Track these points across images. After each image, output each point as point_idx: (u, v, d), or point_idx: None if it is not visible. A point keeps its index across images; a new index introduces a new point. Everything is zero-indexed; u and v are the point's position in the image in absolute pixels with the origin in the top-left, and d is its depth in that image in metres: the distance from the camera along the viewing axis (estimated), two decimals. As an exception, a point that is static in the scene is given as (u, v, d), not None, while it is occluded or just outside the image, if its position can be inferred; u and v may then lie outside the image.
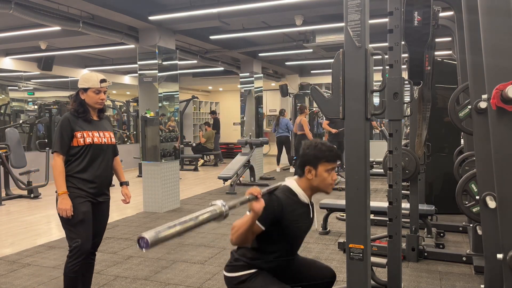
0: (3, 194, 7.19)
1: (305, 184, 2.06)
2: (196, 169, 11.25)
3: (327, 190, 2.08)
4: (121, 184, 2.97)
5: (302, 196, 2.06)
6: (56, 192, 2.63)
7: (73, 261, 2.61)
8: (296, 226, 2.03)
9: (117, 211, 6.01)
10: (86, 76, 2.71)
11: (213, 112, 14.01)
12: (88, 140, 2.66)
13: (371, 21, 2.02)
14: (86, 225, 2.64)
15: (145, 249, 1.27)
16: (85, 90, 2.69)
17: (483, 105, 2.34)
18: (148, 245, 1.26)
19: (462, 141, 4.90)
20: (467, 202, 3.22)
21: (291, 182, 2.09)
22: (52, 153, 2.66)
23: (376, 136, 10.91)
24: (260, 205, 1.83)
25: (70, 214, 2.57)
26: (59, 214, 2.61)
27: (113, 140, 2.84)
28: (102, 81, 2.71)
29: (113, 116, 12.41)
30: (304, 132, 9.17)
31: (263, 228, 1.93)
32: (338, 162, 1.88)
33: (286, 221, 1.97)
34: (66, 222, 2.62)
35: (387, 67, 2.60)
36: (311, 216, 2.13)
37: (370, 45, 1.91)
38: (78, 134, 2.64)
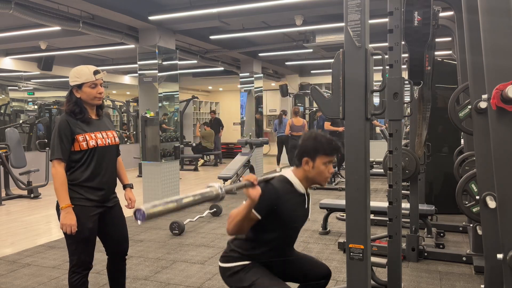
0: (3, 194, 7.19)
1: (302, 174, 2.06)
2: (196, 169, 11.26)
3: (323, 183, 2.08)
4: (125, 187, 2.69)
5: (298, 186, 2.06)
6: (57, 203, 2.37)
7: (77, 275, 2.39)
8: (292, 215, 2.03)
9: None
10: (77, 71, 2.39)
11: (212, 112, 13.96)
12: (92, 143, 2.37)
13: (371, 21, 2.02)
14: (91, 242, 2.42)
15: (141, 221, 1.28)
16: (79, 86, 2.37)
17: (483, 105, 2.34)
18: (144, 217, 1.28)
19: (462, 141, 4.90)
20: (467, 202, 3.22)
21: (288, 172, 2.09)
22: (51, 160, 2.33)
23: (379, 136, 10.89)
24: (256, 192, 1.83)
25: (75, 230, 2.29)
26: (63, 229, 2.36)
27: (117, 139, 2.56)
28: (96, 72, 2.40)
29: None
30: (301, 133, 9.19)
31: (259, 216, 1.92)
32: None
33: (282, 209, 1.97)
34: (71, 237, 2.35)
35: (387, 67, 2.60)
36: (307, 206, 2.13)
37: (370, 45, 1.91)
38: (80, 137, 2.34)
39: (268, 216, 1.95)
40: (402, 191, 2.99)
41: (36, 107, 9.89)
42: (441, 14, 3.57)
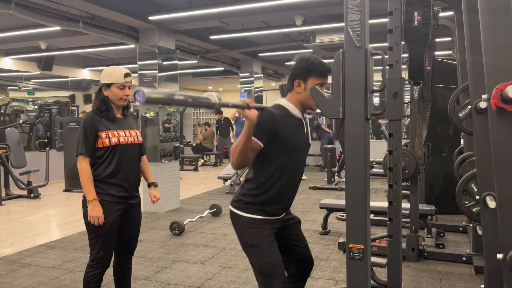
0: (3, 194, 7.19)
1: (295, 99, 2.05)
2: (196, 169, 11.26)
3: (314, 107, 2.05)
4: (149, 185, 2.79)
5: (293, 110, 2.05)
6: (83, 197, 2.47)
7: (94, 271, 2.46)
8: (293, 137, 2.02)
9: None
10: (109, 71, 2.50)
11: (219, 112, 12.58)
12: (114, 140, 2.45)
13: (371, 21, 2.02)
14: (111, 238, 2.48)
15: (139, 102, 1.32)
16: (108, 85, 2.47)
17: (483, 105, 2.34)
18: (143, 98, 1.32)
19: (462, 141, 4.90)
20: (467, 202, 3.22)
21: (281, 100, 2.09)
22: (76, 156, 2.43)
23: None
24: (253, 112, 1.83)
25: (102, 221, 2.38)
26: (86, 222, 2.44)
27: (140, 138, 2.63)
28: (127, 75, 2.50)
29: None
30: None
31: (261, 144, 1.92)
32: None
33: (282, 132, 1.97)
34: (92, 231, 2.44)
35: (387, 67, 2.60)
36: (306, 131, 2.12)
37: (370, 45, 1.91)
38: (103, 134, 2.43)
39: (270, 143, 1.94)
40: (402, 191, 2.99)
41: (36, 107, 9.89)
42: (441, 14, 3.57)
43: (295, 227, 2.22)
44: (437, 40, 3.62)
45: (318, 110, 2.03)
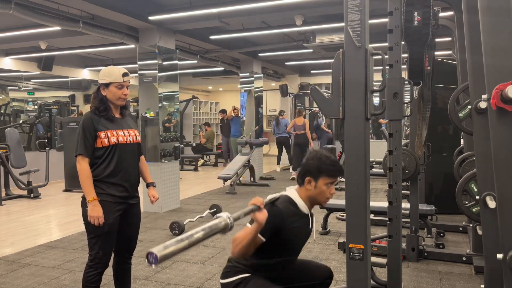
0: (3, 194, 7.19)
1: (305, 194, 2.07)
2: (196, 169, 11.25)
3: (323, 203, 2.09)
4: (148, 185, 2.79)
5: (303, 207, 2.07)
6: (82, 197, 2.47)
7: (93, 271, 2.46)
8: (295, 236, 2.04)
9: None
10: (108, 70, 2.50)
11: (222, 111, 12.48)
12: (113, 140, 2.46)
13: (371, 21, 2.02)
14: (111, 238, 2.49)
15: (154, 264, 1.27)
16: (107, 85, 2.48)
17: (483, 105, 2.34)
18: (156, 261, 1.27)
19: (462, 141, 4.90)
20: (467, 202, 3.22)
21: (292, 192, 2.10)
22: (76, 156, 2.43)
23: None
24: (263, 215, 1.83)
25: (103, 221, 2.39)
26: (85, 222, 2.45)
27: (139, 138, 2.64)
28: (125, 74, 2.50)
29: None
30: (303, 132, 9.19)
31: (263, 239, 1.93)
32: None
33: (286, 232, 1.98)
34: (91, 231, 2.45)
35: (387, 67, 2.60)
36: (310, 226, 2.14)
37: (370, 45, 1.91)
38: (102, 134, 2.44)
39: (271, 237, 1.95)
40: (402, 191, 2.99)
41: (36, 107, 9.89)
42: (441, 14, 3.57)
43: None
44: (437, 40, 3.62)
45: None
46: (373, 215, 4.57)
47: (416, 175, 3.80)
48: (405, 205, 3.87)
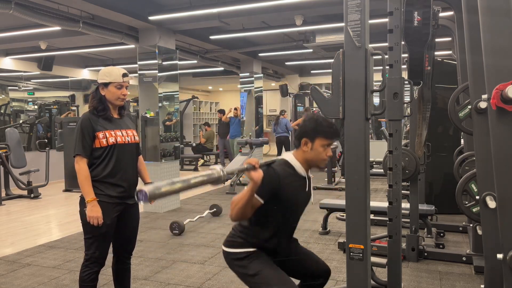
0: (3, 194, 7.19)
1: (302, 156, 2.07)
2: (196, 169, 11.25)
3: (320, 164, 2.09)
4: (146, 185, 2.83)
5: (299, 168, 2.07)
6: (80, 197, 2.46)
7: (89, 270, 2.46)
8: (293, 198, 2.04)
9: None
10: (107, 70, 2.49)
11: (220, 111, 12.35)
12: (111, 140, 2.45)
13: (371, 21, 2.02)
14: (107, 238, 2.50)
15: (143, 201, 1.31)
16: (106, 85, 2.46)
17: (483, 105, 2.34)
18: (146, 198, 1.30)
19: (462, 141, 4.90)
20: (467, 202, 3.22)
21: (289, 155, 2.11)
22: (74, 156, 2.42)
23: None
24: (258, 174, 1.84)
25: (101, 221, 2.38)
26: (83, 222, 2.44)
27: (137, 138, 2.64)
28: (125, 75, 2.49)
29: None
30: None
31: (262, 201, 1.93)
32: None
33: (284, 193, 1.98)
34: (89, 231, 2.44)
35: (387, 67, 2.61)
36: (308, 189, 2.13)
37: (370, 45, 1.91)
38: (100, 135, 2.42)
39: (270, 200, 1.95)
40: (402, 191, 2.99)
41: (36, 107, 9.89)
42: (441, 14, 3.57)
43: (294, 246, 2.23)
44: (437, 40, 3.61)
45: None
46: (373, 215, 4.57)
47: (416, 175, 3.80)
48: (405, 205, 3.87)
